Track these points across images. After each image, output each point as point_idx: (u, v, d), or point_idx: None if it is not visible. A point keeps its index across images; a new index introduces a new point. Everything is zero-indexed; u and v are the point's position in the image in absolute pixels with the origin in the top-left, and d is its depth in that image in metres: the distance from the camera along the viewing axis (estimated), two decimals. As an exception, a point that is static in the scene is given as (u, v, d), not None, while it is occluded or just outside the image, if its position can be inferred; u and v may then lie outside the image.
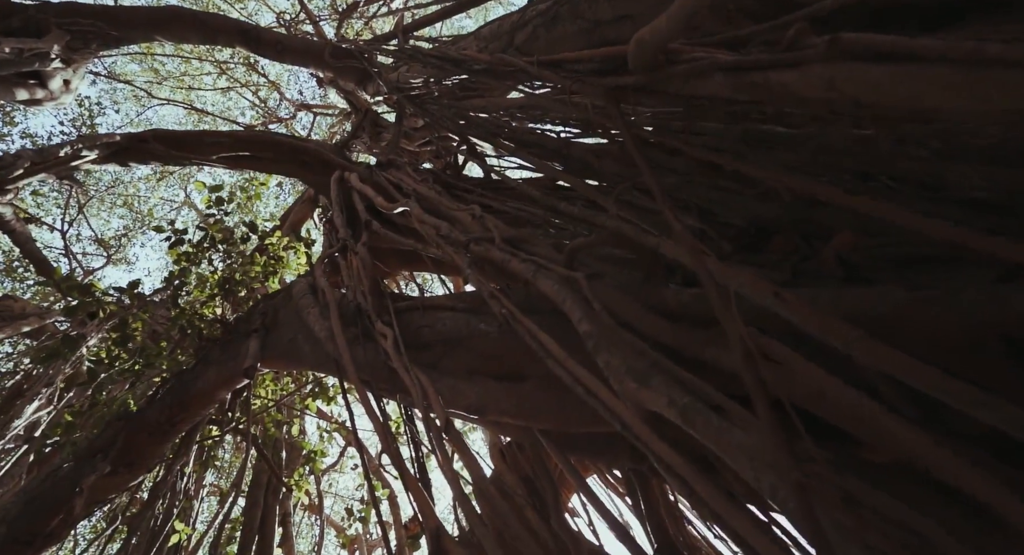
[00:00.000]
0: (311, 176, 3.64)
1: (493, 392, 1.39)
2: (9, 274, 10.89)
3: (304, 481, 4.17)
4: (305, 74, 12.84)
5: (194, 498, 4.30)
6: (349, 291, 2.12)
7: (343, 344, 1.66)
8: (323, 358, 2.32)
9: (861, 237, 0.99)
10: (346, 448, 6.66)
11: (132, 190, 13.06)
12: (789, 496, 0.52)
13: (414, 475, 1.25)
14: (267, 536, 3.79)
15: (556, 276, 1.19)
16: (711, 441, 0.64)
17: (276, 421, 4.34)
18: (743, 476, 0.59)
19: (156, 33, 4.86)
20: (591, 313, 1.03)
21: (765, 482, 0.56)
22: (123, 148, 3.76)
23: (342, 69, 5.07)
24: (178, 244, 4.15)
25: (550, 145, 2.27)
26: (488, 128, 2.94)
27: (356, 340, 1.75)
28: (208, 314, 4.10)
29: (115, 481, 3.01)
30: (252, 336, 2.77)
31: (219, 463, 5.87)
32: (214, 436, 3.85)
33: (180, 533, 3.88)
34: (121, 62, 12.42)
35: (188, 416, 3.16)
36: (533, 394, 1.35)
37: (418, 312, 1.74)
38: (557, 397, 1.33)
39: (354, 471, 6.24)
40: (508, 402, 1.36)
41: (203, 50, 11.92)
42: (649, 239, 1.03)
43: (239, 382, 3.15)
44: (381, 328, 1.61)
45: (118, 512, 3.81)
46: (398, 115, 4.33)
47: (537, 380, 1.37)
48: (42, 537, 2.89)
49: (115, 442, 3.01)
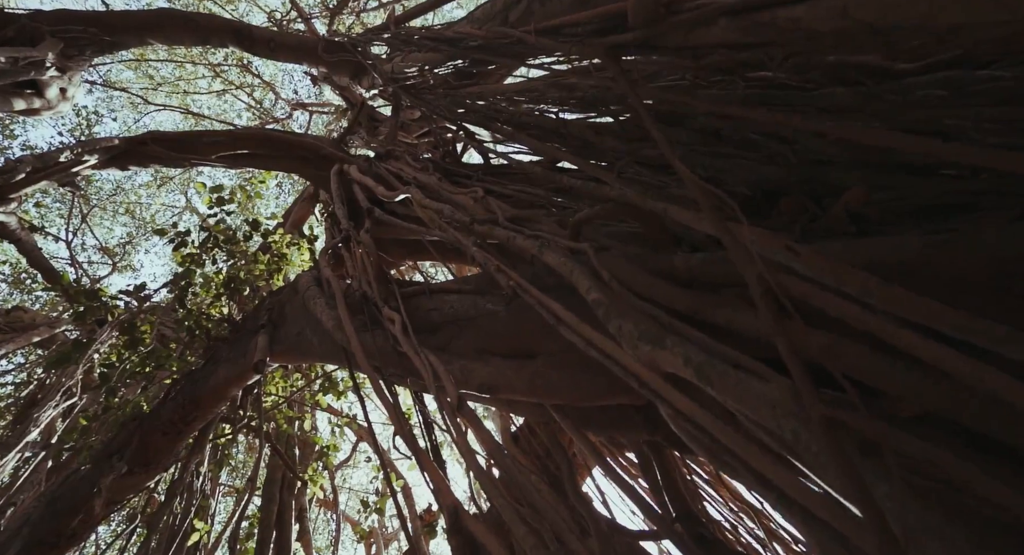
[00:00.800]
0: (310, 170, 3.63)
1: (504, 371, 1.38)
2: (17, 286, 10.97)
3: (319, 476, 4.20)
4: (299, 74, 12.80)
5: (211, 497, 4.34)
6: (354, 281, 2.12)
7: (351, 331, 1.65)
8: (332, 349, 2.32)
9: (873, 192, 0.97)
10: (358, 443, 6.70)
11: (133, 197, 13.10)
12: (813, 439, 0.51)
13: (428, 454, 1.25)
14: (284, 531, 3.82)
15: (562, 249, 1.18)
16: (729, 394, 0.63)
17: (288, 418, 4.36)
18: (764, 425, 0.58)
19: (149, 36, 4.84)
20: (600, 282, 1.02)
21: (787, 429, 0.54)
22: (122, 152, 3.76)
23: (336, 63, 5.04)
24: (182, 246, 4.16)
25: (548, 125, 2.25)
26: (485, 113, 2.92)
27: (364, 327, 1.75)
28: (215, 314, 4.12)
29: (132, 481, 3.04)
30: (260, 332, 2.78)
31: (233, 463, 5.92)
32: (227, 434, 3.88)
33: (200, 531, 3.92)
34: (116, 70, 12.42)
35: (201, 414, 3.17)
36: (544, 371, 1.34)
37: (425, 296, 1.73)
38: (568, 372, 1.32)
39: (368, 464, 6.28)
40: (519, 380, 1.35)
41: (196, 54, 11.89)
42: (656, 204, 1.01)
43: (249, 378, 3.16)
44: (388, 313, 1.60)
45: (137, 512, 3.85)
46: (394, 107, 4.30)
47: (547, 357, 1.37)
48: (65, 537, 2.93)
49: (130, 442, 3.03)
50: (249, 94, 12.20)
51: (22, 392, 8.89)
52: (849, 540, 0.61)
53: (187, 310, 4.03)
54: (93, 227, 11.71)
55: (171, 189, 13.35)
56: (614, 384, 1.27)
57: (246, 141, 3.62)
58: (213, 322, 3.99)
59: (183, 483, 3.33)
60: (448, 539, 1.08)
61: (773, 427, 0.56)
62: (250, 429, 3.75)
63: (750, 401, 0.60)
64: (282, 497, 3.92)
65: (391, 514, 9.41)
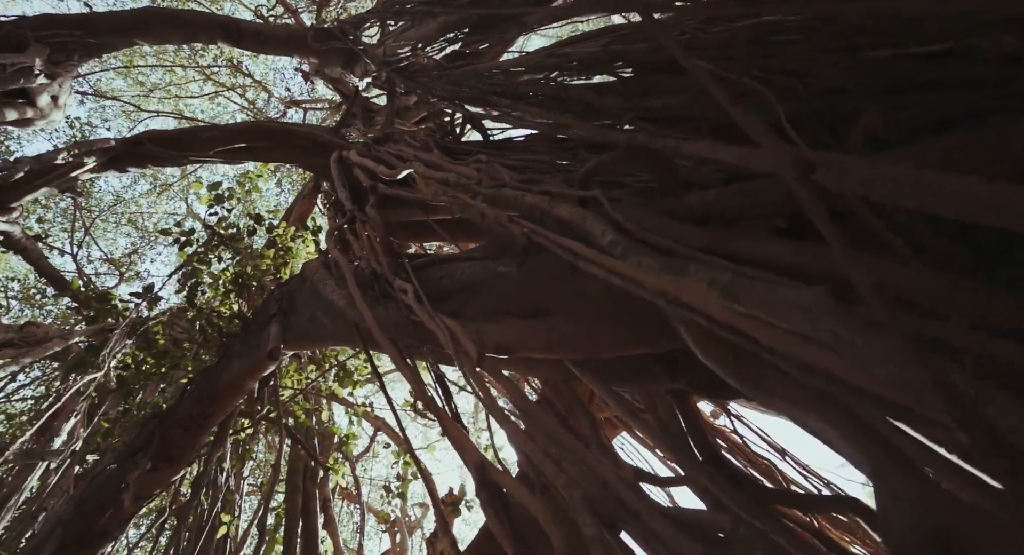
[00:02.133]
0: (309, 159, 3.61)
1: (520, 330, 1.37)
2: (28, 301, 11.07)
3: (340, 465, 4.24)
4: (291, 72, 12.71)
5: (235, 492, 4.40)
6: (363, 260, 2.11)
7: (364, 305, 1.65)
8: (344, 330, 2.32)
9: (889, 114, 0.95)
10: (376, 433, 6.76)
11: (134, 207, 13.14)
12: (856, 334, 0.49)
13: (448, 415, 1.24)
14: (311, 520, 3.87)
15: (573, 199, 1.16)
16: (758, 305, 0.61)
17: (305, 410, 4.40)
18: (798, 330, 0.56)
19: (136, 37, 4.80)
20: (615, 225, 1.00)
21: (825, 329, 0.53)
22: (120, 153, 3.75)
23: (327, 53, 4.99)
24: (187, 245, 4.17)
25: (548, 92, 2.21)
26: (482, 89, 2.88)
27: (376, 302, 1.74)
28: (225, 311, 4.14)
29: (157, 477, 3.08)
30: (272, 321, 2.78)
31: (255, 461, 5.99)
32: (247, 428, 3.92)
33: (228, 524, 3.98)
34: (106, 79, 12.38)
35: (219, 408, 3.20)
36: (560, 326, 1.33)
37: (435, 267, 1.73)
38: (585, 326, 1.31)
39: (387, 451, 6.33)
40: (536, 338, 1.34)
41: (186, 57, 11.83)
42: (666, 142, 0.99)
43: (265, 369, 3.18)
44: (400, 284, 1.60)
45: (166, 506, 3.91)
46: (389, 92, 4.26)
47: (563, 313, 1.36)
48: (97, 535, 2.97)
49: (152, 439, 3.07)
50: (241, 95, 12.14)
51: (42, 404, 9.03)
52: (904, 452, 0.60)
53: (197, 309, 4.05)
54: (97, 239, 11.76)
55: (171, 196, 13.37)
56: (633, 333, 1.26)
57: (243, 134, 3.60)
58: (224, 319, 4.00)
59: (207, 477, 3.37)
60: (477, 494, 1.08)
61: (809, 330, 0.55)
62: (269, 422, 3.78)
63: (782, 308, 0.58)
64: (305, 487, 3.97)
65: (414, 502, 9.50)
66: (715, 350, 0.73)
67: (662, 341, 1.21)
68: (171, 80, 12.48)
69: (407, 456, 4.49)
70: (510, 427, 0.96)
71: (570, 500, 0.73)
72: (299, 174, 10.45)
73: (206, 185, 4.24)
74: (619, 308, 1.26)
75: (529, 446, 0.88)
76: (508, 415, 1.00)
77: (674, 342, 1.21)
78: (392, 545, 8.35)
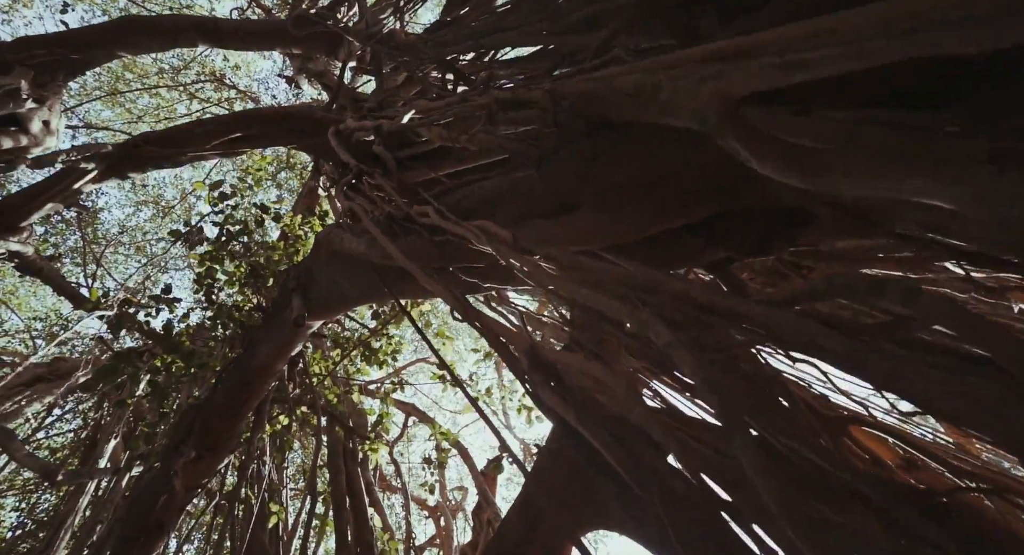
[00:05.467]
0: (307, 140, 3.58)
1: (547, 229, 1.34)
2: (52, 339, 11.26)
3: (379, 443, 4.27)
4: (275, 81, 12.67)
5: (279, 484, 4.45)
6: (376, 208, 2.08)
7: (385, 239, 1.62)
8: (365, 285, 2.30)
9: None
10: (408, 418, 6.80)
11: (140, 236, 13.25)
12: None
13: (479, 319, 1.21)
14: (357, 498, 3.90)
15: (592, 67, 1.12)
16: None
17: (336, 395, 4.42)
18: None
19: (116, 48, 4.77)
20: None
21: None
22: (119, 159, 3.74)
23: (309, 40, 4.92)
24: (198, 245, 4.17)
25: (540, 11, 2.15)
26: (473, 39, 2.82)
27: (396, 238, 1.71)
28: (244, 306, 4.15)
29: (202, 466, 3.11)
30: (293, 295, 2.77)
31: (294, 451, 6.05)
32: (281, 417, 3.94)
33: (277, 514, 4.02)
34: (94, 111, 12.46)
35: (253, 393, 3.22)
36: (588, 217, 1.29)
37: (452, 192, 1.69)
38: (613, 212, 1.27)
39: (422, 437, 6.37)
40: (565, 232, 1.31)
41: (168, 78, 11.84)
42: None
43: (293, 349, 3.18)
44: (419, 209, 1.56)
45: (215, 492, 3.97)
46: (377, 67, 4.20)
47: (588, 205, 1.32)
48: (153, 529, 3.02)
49: (192, 430, 3.09)
50: (228, 109, 12.12)
51: (81, 434, 9.23)
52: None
53: (217, 307, 4.07)
54: (110, 269, 11.89)
55: (174, 220, 13.45)
56: (663, 208, 1.22)
57: (236, 123, 3.57)
58: (244, 314, 4.02)
59: (250, 464, 3.40)
60: (529, 376, 1.05)
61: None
62: (303, 404, 3.80)
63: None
64: (347, 468, 3.99)
65: (453, 487, 9.58)
66: (774, 145, 0.68)
67: (694, 209, 1.17)
68: (158, 103, 12.52)
69: (440, 428, 4.49)
70: (560, 278, 0.93)
71: (638, 317, 0.69)
72: (299, 178, 10.44)
73: (209, 184, 4.24)
74: (645, 187, 1.21)
75: (579, 314, 0.84)
76: (552, 275, 0.96)
77: (707, 205, 1.16)
78: (437, 530, 8.45)
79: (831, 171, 0.68)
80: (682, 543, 0.79)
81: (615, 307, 0.76)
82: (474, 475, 5.48)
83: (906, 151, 0.61)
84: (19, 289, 12.51)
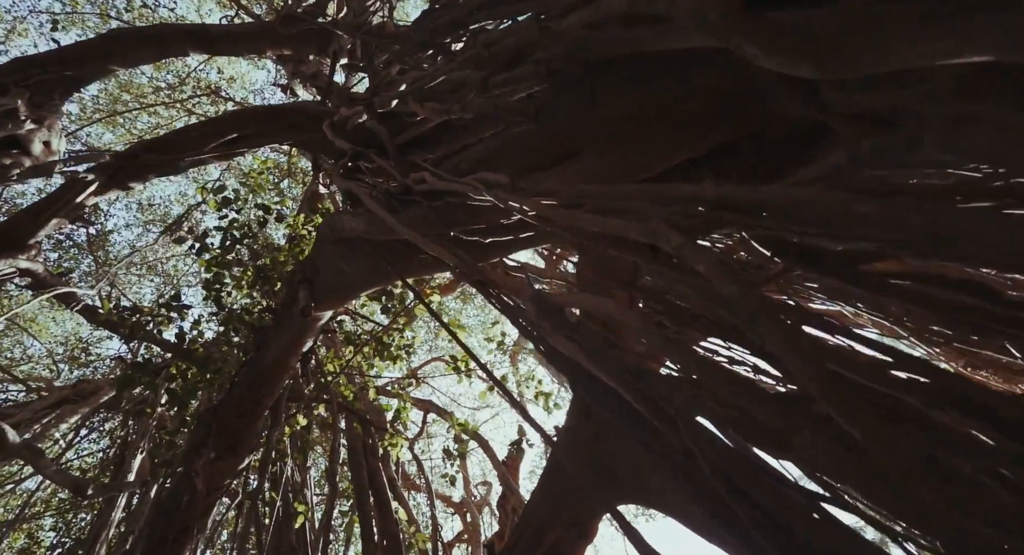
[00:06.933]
0: (303, 135, 3.55)
1: (549, 178, 1.29)
2: (74, 363, 11.45)
3: (399, 436, 4.25)
4: (270, 90, 12.73)
5: (303, 484, 4.46)
6: (375, 188, 2.04)
7: (383, 212, 1.58)
8: (369, 268, 2.27)
9: None
10: (426, 415, 6.80)
11: (149, 255, 13.40)
12: None
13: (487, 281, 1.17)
14: (380, 492, 3.89)
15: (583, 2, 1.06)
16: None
17: (352, 391, 4.41)
18: None
19: (108, 62, 4.78)
20: None
21: None
22: (118, 169, 3.75)
23: (299, 39, 4.89)
24: (204, 250, 4.18)
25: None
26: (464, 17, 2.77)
27: (396, 211, 1.68)
28: (254, 309, 4.15)
29: (223, 466, 3.11)
30: (299, 289, 2.75)
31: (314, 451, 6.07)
32: (299, 416, 3.94)
33: (303, 513, 4.02)
34: (95, 134, 12.61)
35: (268, 391, 3.21)
36: (591, 161, 1.24)
37: (449, 158, 1.65)
38: (616, 153, 1.22)
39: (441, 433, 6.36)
40: (568, 179, 1.26)
41: (164, 95, 11.95)
42: None
43: (304, 343, 3.17)
44: (415, 176, 1.52)
45: (237, 492, 3.98)
46: (369, 58, 4.17)
47: (589, 150, 1.27)
48: (180, 531, 3.02)
49: (211, 431, 3.09)
50: (226, 121, 12.19)
51: (109, 453, 9.37)
52: None
53: (227, 310, 4.07)
54: (124, 290, 12.05)
55: (183, 235, 13.57)
56: (667, 143, 1.17)
57: (231, 124, 3.56)
58: (253, 317, 4.02)
59: (268, 461, 3.39)
60: (539, 323, 1.01)
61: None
62: (319, 400, 3.79)
63: None
64: (368, 463, 3.98)
65: (477, 482, 9.58)
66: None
67: (698, 140, 1.11)
68: (156, 122, 12.63)
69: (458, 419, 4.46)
70: (562, 211, 0.88)
71: (648, 230, 0.64)
72: (300, 185, 10.47)
73: (211, 189, 4.24)
74: (646, 123, 1.16)
75: (587, 216, 0.79)
76: (555, 209, 0.91)
77: (712, 135, 1.11)
78: (464, 526, 8.46)
79: (845, 51, 0.63)
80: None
81: (622, 225, 0.71)
82: (496, 465, 5.45)
83: (932, 11, 0.55)
84: (39, 316, 12.72)
